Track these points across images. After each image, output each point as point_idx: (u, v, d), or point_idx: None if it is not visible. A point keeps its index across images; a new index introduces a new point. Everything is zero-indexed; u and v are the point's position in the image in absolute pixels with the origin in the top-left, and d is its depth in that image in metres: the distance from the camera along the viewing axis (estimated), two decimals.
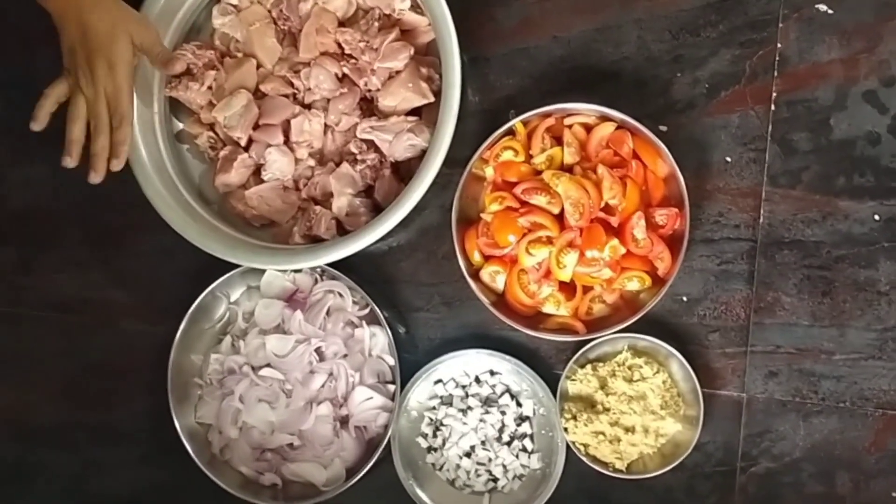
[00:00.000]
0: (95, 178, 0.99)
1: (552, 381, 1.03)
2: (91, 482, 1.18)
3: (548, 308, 1.03)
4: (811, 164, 1.02)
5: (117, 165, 1.00)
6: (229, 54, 1.10)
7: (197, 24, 1.12)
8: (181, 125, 1.13)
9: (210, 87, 1.09)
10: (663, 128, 1.04)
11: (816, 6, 1.02)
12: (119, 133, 0.99)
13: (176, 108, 1.13)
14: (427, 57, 1.08)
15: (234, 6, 1.10)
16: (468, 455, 1.05)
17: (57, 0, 0.98)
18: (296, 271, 1.08)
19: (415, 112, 1.07)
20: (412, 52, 1.04)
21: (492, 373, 1.07)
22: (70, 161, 1.00)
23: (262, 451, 1.07)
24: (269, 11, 1.09)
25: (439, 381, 1.07)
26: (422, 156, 1.03)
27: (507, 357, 1.04)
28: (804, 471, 1.02)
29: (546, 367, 1.06)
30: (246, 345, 1.07)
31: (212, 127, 1.11)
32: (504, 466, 1.04)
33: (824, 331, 1.01)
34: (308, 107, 1.08)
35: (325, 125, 1.08)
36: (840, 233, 1.01)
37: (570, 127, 1.03)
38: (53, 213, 1.20)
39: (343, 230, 1.07)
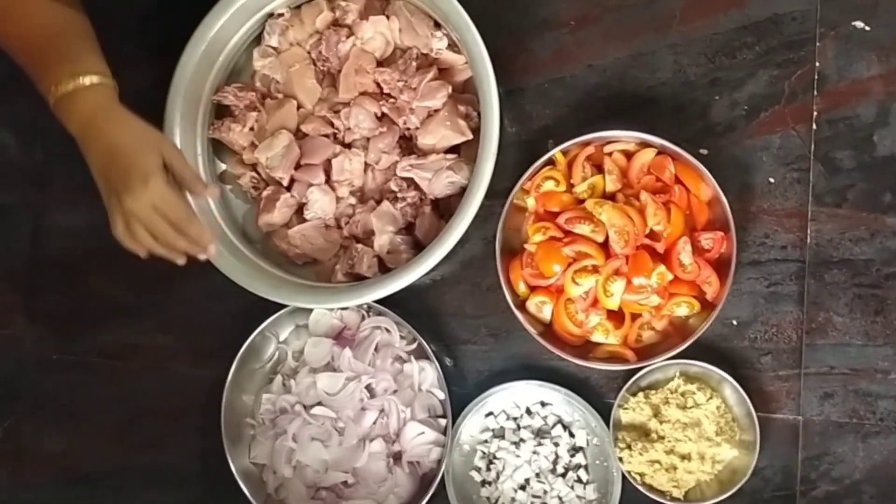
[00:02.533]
0: (180, 260, 0.97)
1: (604, 411, 1.02)
2: None
3: (596, 337, 1.02)
4: (856, 182, 1.01)
5: (211, 253, 0.97)
6: (270, 95, 1.12)
7: (238, 66, 1.14)
8: (224, 166, 1.15)
9: (252, 129, 1.10)
10: (704, 151, 1.04)
11: (853, 23, 1.02)
12: (191, 231, 0.95)
13: (219, 149, 1.15)
14: (465, 95, 1.09)
15: (275, 48, 1.11)
16: (523, 488, 1.05)
17: (78, 119, 0.94)
18: (342, 308, 1.09)
19: (454, 149, 1.07)
20: (450, 90, 1.05)
21: (543, 404, 1.06)
22: (180, 260, 0.97)
23: (316, 490, 1.07)
24: (309, 53, 1.10)
25: (490, 413, 1.07)
26: (461, 192, 1.04)
27: (558, 387, 1.04)
28: (865, 493, 1.00)
29: (597, 396, 1.05)
30: (297, 384, 1.07)
31: (254, 167, 1.12)
32: (560, 498, 1.04)
33: (878, 350, 1.00)
34: (348, 146, 1.10)
35: (366, 164, 1.10)
36: (889, 250, 1.00)
37: (610, 154, 1.03)
38: (98, 260, 1.22)
39: (385, 267, 1.08)
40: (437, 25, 1.07)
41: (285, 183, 1.10)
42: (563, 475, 1.04)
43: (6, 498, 1.22)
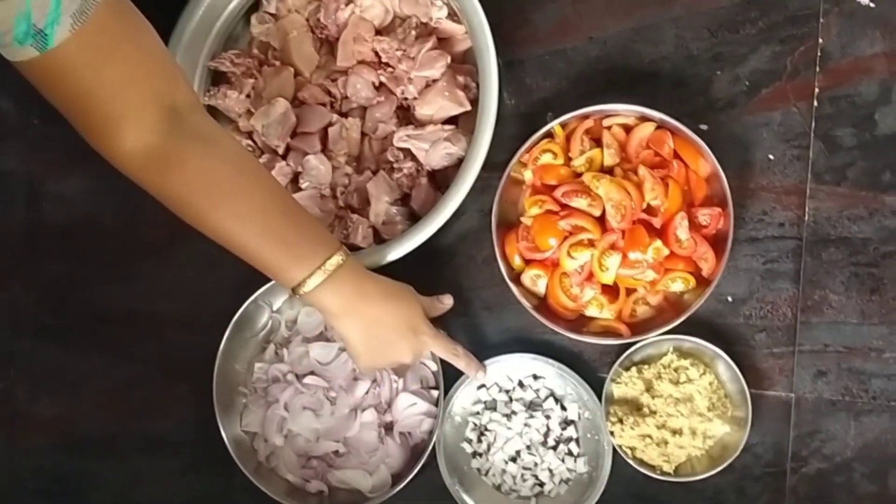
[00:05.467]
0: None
1: (597, 385, 1.02)
2: (138, 492, 1.19)
3: (591, 311, 1.02)
4: (856, 160, 1.00)
5: (480, 379, 1.03)
6: (267, 63, 1.11)
7: (235, 32, 1.13)
8: None
9: (248, 96, 1.10)
10: (704, 127, 1.03)
11: (857, 0, 1.01)
12: (459, 365, 1.00)
13: (215, 116, 1.12)
14: (464, 65, 1.08)
15: (273, 15, 1.10)
16: (514, 460, 1.05)
17: (332, 308, 0.90)
18: None
19: (451, 120, 1.07)
20: (449, 60, 1.04)
21: (535, 377, 1.06)
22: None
23: (307, 459, 1.07)
24: (307, 20, 1.09)
25: (482, 386, 1.07)
26: (458, 164, 1.03)
27: (551, 361, 1.03)
28: (856, 471, 1.00)
29: (590, 370, 1.05)
30: (289, 353, 1.07)
31: (250, 135, 1.12)
32: (550, 471, 1.04)
33: (873, 329, 1.00)
34: (345, 115, 1.09)
35: (362, 133, 1.09)
36: (887, 229, 0.99)
37: (609, 128, 1.02)
38: (95, 226, 1.21)
39: (380, 238, 1.08)
40: None
41: (281, 151, 1.09)
42: (554, 448, 1.04)
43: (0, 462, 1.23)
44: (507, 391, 1.06)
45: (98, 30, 0.71)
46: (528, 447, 1.04)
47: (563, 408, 1.05)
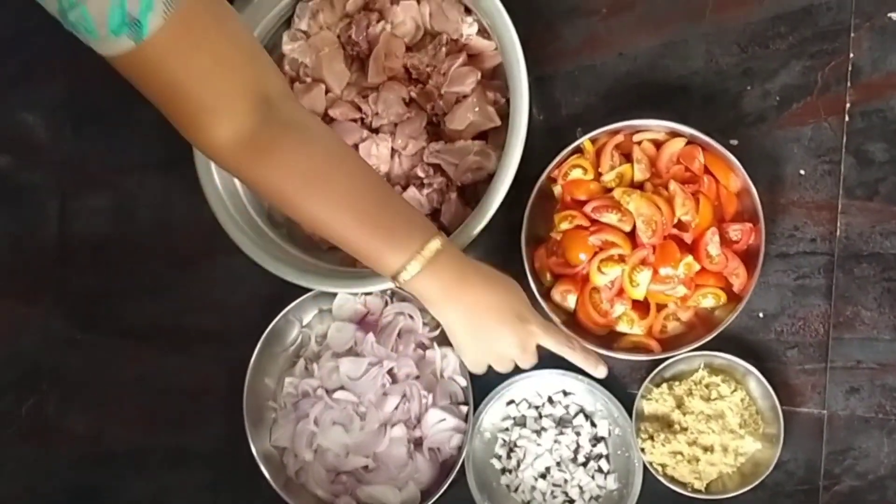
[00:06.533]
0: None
1: (627, 401, 1.02)
2: None
3: (621, 327, 1.02)
4: (888, 176, 1.00)
5: (600, 375, 0.98)
6: (299, 79, 1.11)
7: (267, 49, 1.13)
8: None
9: None
10: (734, 142, 1.03)
11: (889, 15, 1.01)
12: (575, 357, 0.95)
13: None
14: (494, 81, 1.08)
15: (304, 32, 1.11)
16: (543, 476, 1.04)
17: (432, 296, 0.88)
18: (366, 294, 1.09)
19: (481, 136, 1.07)
20: (479, 76, 1.05)
21: (565, 393, 1.06)
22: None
23: (337, 474, 1.07)
24: (338, 37, 1.10)
25: (512, 401, 1.06)
26: (488, 179, 1.03)
27: (580, 377, 1.03)
28: (889, 489, 0.99)
29: (620, 386, 1.04)
30: (319, 368, 1.07)
31: None
32: (580, 487, 1.03)
33: None
34: (376, 131, 1.09)
35: (392, 149, 1.09)
36: None
37: (639, 143, 1.02)
38: (124, 241, 1.22)
39: None
40: (468, 11, 1.07)
41: None
42: (584, 464, 1.04)
43: (29, 475, 1.23)
44: (537, 407, 1.06)
45: (189, 16, 0.69)
46: (558, 464, 1.04)
47: (594, 424, 1.04)
